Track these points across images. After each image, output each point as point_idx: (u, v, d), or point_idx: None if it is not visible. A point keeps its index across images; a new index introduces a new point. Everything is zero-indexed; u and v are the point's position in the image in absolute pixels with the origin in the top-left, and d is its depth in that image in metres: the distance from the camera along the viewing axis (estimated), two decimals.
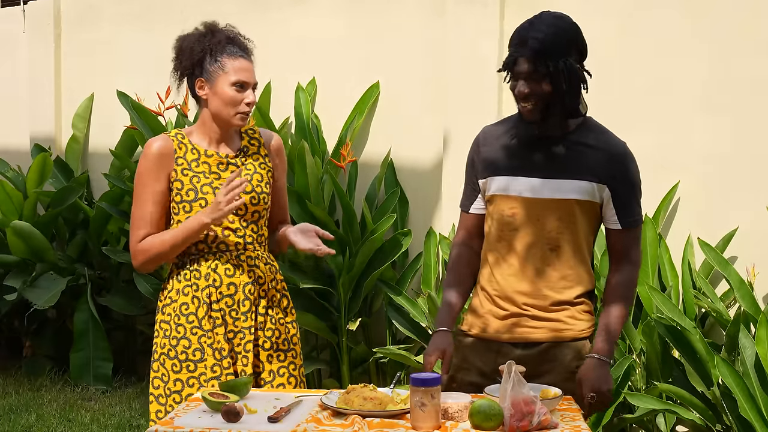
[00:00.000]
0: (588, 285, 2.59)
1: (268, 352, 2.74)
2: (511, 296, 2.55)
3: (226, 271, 2.70)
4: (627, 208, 2.55)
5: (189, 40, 2.79)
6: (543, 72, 2.42)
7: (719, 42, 4.30)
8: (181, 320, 2.70)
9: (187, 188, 2.70)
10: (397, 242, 4.79)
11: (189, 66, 2.77)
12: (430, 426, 2.11)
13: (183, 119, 5.31)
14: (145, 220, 2.73)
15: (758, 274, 4.08)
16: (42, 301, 5.38)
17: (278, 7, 5.47)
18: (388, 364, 4.84)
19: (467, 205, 2.68)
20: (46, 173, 5.72)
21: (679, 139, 4.37)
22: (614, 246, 2.60)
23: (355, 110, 5.19)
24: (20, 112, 6.60)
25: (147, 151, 2.74)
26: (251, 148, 2.82)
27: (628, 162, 2.56)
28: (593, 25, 4.61)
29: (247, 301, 2.70)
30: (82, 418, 4.97)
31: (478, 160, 2.64)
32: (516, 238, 2.54)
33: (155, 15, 6.07)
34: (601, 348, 2.50)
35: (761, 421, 3.47)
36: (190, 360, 2.68)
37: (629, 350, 4.05)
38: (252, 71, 2.75)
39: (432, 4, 5.06)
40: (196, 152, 2.74)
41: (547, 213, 2.51)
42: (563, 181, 2.50)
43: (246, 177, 2.71)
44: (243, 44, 2.79)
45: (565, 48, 2.45)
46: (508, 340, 2.56)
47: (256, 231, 2.76)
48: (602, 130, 2.59)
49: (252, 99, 2.72)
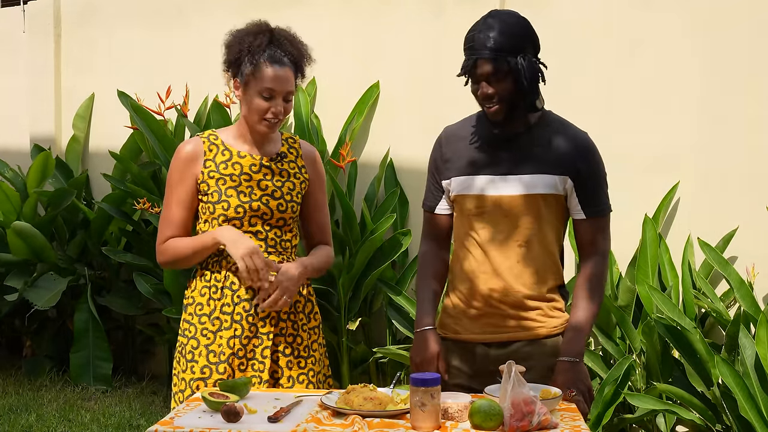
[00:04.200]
0: (558, 279, 2.60)
1: (288, 358, 2.71)
2: (482, 295, 2.56)
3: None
4: (591, 197, 2.55)
5: (234, 37, 2.72)
6: (504, 70, 2.44)
7: (720, 42, 4.30)
8: (194, 320, 2.70)
9: (213, 190, 2.68)
10: (396, 242, 4.79)
11: (228, 64, 2.72)
12: (430, 426, 2.11)
13: (183, 119, 5.31)
14: (169, 222, 2.73)
15: (758, 274, 4.08)
16: (43, 301, 5.38)
17: (277, 7, 5.47)
18: (388, 364, 4.84)
19: (432, 206, 2.70)
20: (47, 173, 5.72)
21: (679, 139, 4.37)
22: (580, 236, 2.59)
23: (354, 110, 5.19)
24: (20, 112, 6.61)
25: (176, 154, 2.75)
26: (289, 156, 2.78)
27: (591, 152, 2.56)
28: (593, 25, 4.63)
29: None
30: (82, 418, 4.97)
31: (441, 160, 2.65)
32: (483, 237, 2.55)
33: (155, 15, 6.07)
34: (569, 349, 2.50)
35: (761, 421, 3.47)
36: (194, 361, 2.68)
37: (629, 350, 4.05)
38: (285, 80, 2.64)
39: (431, 4, 5.06)
40: (227, 153, 2.71)
41: (512, 209, 2.52)
42: (526, 176, 2.51)
43: (271, 277, 2.64)
44: (284, 48, 2.68)
45: (521, 44, 2.47)
46: (481, 340, 2.57)
47: (279, 236, 2.72)
48: (562, 122, 2.59)
49: (279, 109, 2.64)
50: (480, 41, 2.45)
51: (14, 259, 5.63)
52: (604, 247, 2.59)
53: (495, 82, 2.45)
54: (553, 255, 2.58)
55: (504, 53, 2.43)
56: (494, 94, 2.46)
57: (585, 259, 2.58)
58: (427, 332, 2.61)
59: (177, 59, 5.87)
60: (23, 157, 6.42)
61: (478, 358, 2.56)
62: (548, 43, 4.74)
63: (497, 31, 2.44)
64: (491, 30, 2.45)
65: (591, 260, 2.57)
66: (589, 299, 2.54)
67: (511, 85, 2.46)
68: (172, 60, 5.88)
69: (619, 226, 4.40)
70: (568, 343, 2.51)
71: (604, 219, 2.58)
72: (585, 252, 2.58)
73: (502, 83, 2.45)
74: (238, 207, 2.67)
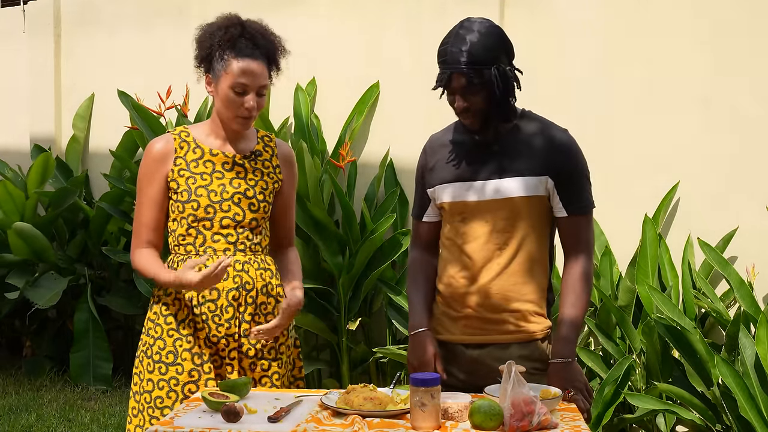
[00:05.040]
0: (543, 282, 2.59)
1: (251, 360, 2.66)
2: (463, 298, 2.56)
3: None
4: (573, 195, 2.54)
5: (205, 31, 2.66)
6: (477, 84, 2.44)
7: (720, 42, 4.30)
8: (160, 320, 2.66)
9: (182, 189, 2.62)
10: (396, 242, 4.79)
11: (199, 60, 2.66)
12: (430, 426, 2.11)
13: (183, 119, 5.32)
14: (142, 224, 2.68)
15: (758, 274, 4.08)
16: (43, 300, 5.38)
17: (278, 8, 5.47)
18: (388, 364, 4.84)
19: (420, 214, 2.71)
20: (48, 173, 5.73)
21: (679, 139, 4.38)
22: (565, 234, 2.58)
23: (354, 110, 5.19)
24: (20, 112, 6.61)
25: (146, 153, 2.68)
26: (264, 154, 2.72)
27: (570, 150, 2.55)
28: (594, 25, 4.63)
29: (230, 308, 2.62)
30: (82, 418, 4.97)
31: (426, 169, 2.66)
32: (467, 242, 2.55)
33: (155, 15, 6.07)
34: (560, 351, 2.49)
35: (761, 421, 3.47)
36: (162, 362, 2.63)
37: (629, 350, 4.05)
38: (258, 74, 2.57)
39: (432, 4, 5.06)
40: (199, 151, 2.66)
41: (496, 214, 2.52)
42: (508, 180, 2.51)
43: (231, 260, 2.57)
44: (256, 41, 2.61)
45: (495, 55, 2.46)
46: (460, 341, 2.58)
47: (250, 239, 2.66)
48: (542, 122, 2.59)
49: (252, 104, 2.58)
50: (453, 55, 2.44)
51: (15, 259, 5.63)
52: (589, 244, 2.58)
53: (468, 95, 2.46)
54: (538, 258, 2.57)
55: (478, 65, 2.43)
56: (468, 108, 2.48)
57: (570, 257, 2.58)
58: (423, 334, 2.61)
59: (177, 59, 5.85)
60: (23, 157, 6.42)
61: (459, 358, 2.59)
62: (548, 43, 4.77)
63: (469, 44, 2.43)
64: (463, 43, 2.44)
65: (577, 258, 2.56)
66: (577, 298, 2.53)
67: (485, 97, 2.46)
68: (172, 60, 5.87)
69: (619, 226, 4.43)
70: (558, 344, 2.50)
71: (587, 216, 2.57)
72: (570, 250, 2.58)
73: (475, 96, 2.46)
74: (208, 207, 2.61)
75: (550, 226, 2.60)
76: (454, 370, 2.60)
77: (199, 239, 2.63)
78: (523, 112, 2.59)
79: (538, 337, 2.55)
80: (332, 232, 4.82)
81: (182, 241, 2.65)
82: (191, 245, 2.64)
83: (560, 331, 2.51)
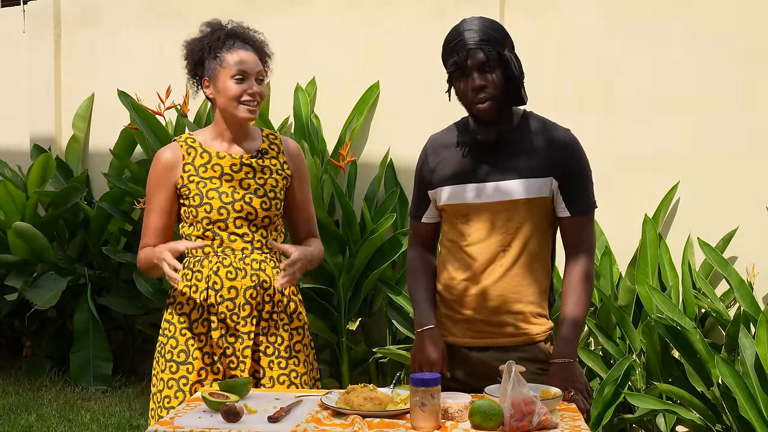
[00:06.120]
0: (545, 284, 2.59)
1: (270, 358, 2.69)
2: (463, 300, 2.56)
3: (227, 274, 2.66)
4: (576, 195, 2.53)
5: (191, 42, 2.75)
6: (496, 59, 2.45)
7: (720, 42, 4.30)
8: (174, 319, 2.69)
9: (194, 194, 2.67)
10: (396, 242, 4.79)
11: (193, 68, 2.73)
12: (430, 426, 2.11)
13: (183, 119, 5.32)
14: (148, 229, 2.73)
15: (758, 274, 4.08)
16: (42, 301, 5.38)
17: (277, 8, 5.47)
18: (388, 364, 4.84)
19: (418, 215, 2.70)
20: (48, 173, 5.72)
21: (679, 139, 4.38)
22: (567, 234, 2.58)
23: (354, 110, 5.19)
24: (20, 112, 6.61)
25: (155, 161, 2.74)
26: (270, 152, 2.76)
27: (573, 150, 2.55)
28: (594, 25, 4.63)
29: (248, 306, 2.66)
30: (82, 418, 4.97)
31: (426, 170, 2.66)
32: (469, 244, 2.55)
33: (155, 15, 6.07)
34: (561, 351, 2.49)
35: (761, 421, 3.47)
36: (174, 360, 2.65)
37: (629, 350, 4.05)
38: (254, 62, 2.65)
39: (432, 5, 5.06)
40: (206, 155, 2.70)
41: (497, 216, 2.52)
42: (511, 182, 2.51)
43: (206, 242, 2.64)
44: (244, 36, 2.71)
45: (503, 41, 2.50)
46: (463, 344, 2.58)
47: (265, 236, 2.70)
48: (544, 123, 2.58)
49: (255, 89, 2.65)
50: (468, 35, 2.47)
51: (14, 259, 5.63)
52: (590, 244, 2.58)
53: (487, 71, 2.46)
54: (540, 260, 2.57)
55: (492, 44, 2.46)
56: (486, 86, 2.46)
57: (572, 257, 2.57)
58: (431, 332, 2.60)
59: (177, 59, 5.85)
60: (23, 157, 6.42)
61: (461, 360, 2.58)
62: (548, 43, 4.77)
63: (482, 27, 2.48)
64: (475, 26, 2.48)
65: (578, 258, 2.56)
66: (578, 298, 2.53)
67: (501, 75, 2.46)
68: (172, 60, 5.85)
69: (619, 226, 4.43)
70: (559, 344, 2.50)
71: (590, 215, 2.57)
72: (572, 250, 2.58)
73: (493, 73, 2.46)
74: (221, 209, 2.65)
75: (553, 226, 2.60)
76: (456, 371, 2.59)
77: (216, 241, 2.67)
78: (525, 113, 2.59)
79: (540, 339, 2.55)
80: (332, 232, 4.82)
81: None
82: (209, 246, 2.68)
83: (561, 332, 2.51)
